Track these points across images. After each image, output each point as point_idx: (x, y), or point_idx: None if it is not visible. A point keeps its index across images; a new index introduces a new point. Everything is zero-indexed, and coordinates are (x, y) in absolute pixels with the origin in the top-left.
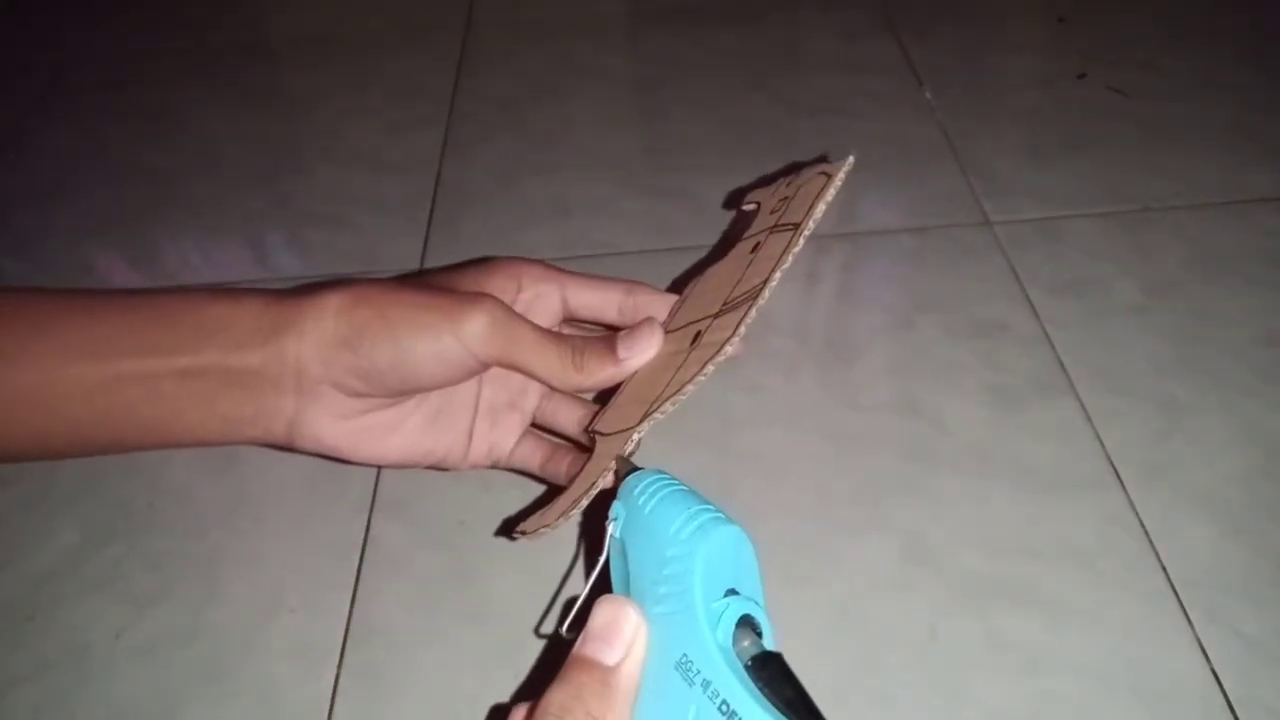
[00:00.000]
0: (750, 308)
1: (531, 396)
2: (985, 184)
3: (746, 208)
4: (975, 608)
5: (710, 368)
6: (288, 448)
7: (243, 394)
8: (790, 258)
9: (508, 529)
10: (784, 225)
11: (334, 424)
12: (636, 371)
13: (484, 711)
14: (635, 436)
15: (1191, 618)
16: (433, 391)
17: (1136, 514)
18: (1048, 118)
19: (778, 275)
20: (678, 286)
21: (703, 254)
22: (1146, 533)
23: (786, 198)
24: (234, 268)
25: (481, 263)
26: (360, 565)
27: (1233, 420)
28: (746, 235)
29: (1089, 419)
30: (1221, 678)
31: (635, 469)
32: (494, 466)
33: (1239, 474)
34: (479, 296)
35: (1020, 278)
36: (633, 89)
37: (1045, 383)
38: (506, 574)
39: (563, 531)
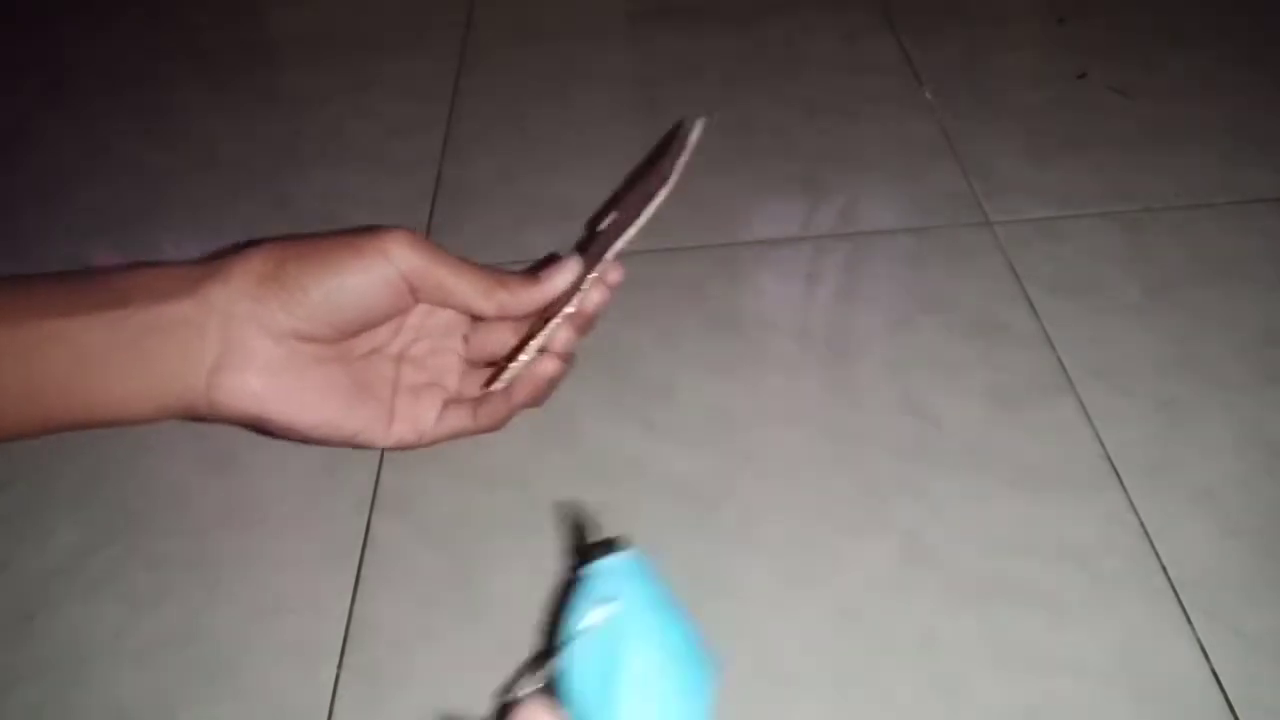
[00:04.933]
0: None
1: (452, 374)
2: (985, 184)
3: (606, 222)
4: (975, 608)
5: (650, 207)
6: (206, 407)
7: (168, 344)
8: (677, 171)
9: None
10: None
11: (258, 375)
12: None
13: (484, 711)
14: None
15: (1191, 618)
16: (358, 357)
17: (1136, 514)
18: (1048, 118)
19: (683, 159)
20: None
21: (703, 254)
22: (1146, 533)
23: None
24: None
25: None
26: (360, 565)
27: (1233, 420)
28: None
29: (1089, 419)
30: (1221, 678)
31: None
32: (420, 443)
33: (1239, 474)
34: (396, 227)
35: (1020, 278)
36: (633, 89)
37: (1045, 383)
38: (506, 574)
39: (562, 532)
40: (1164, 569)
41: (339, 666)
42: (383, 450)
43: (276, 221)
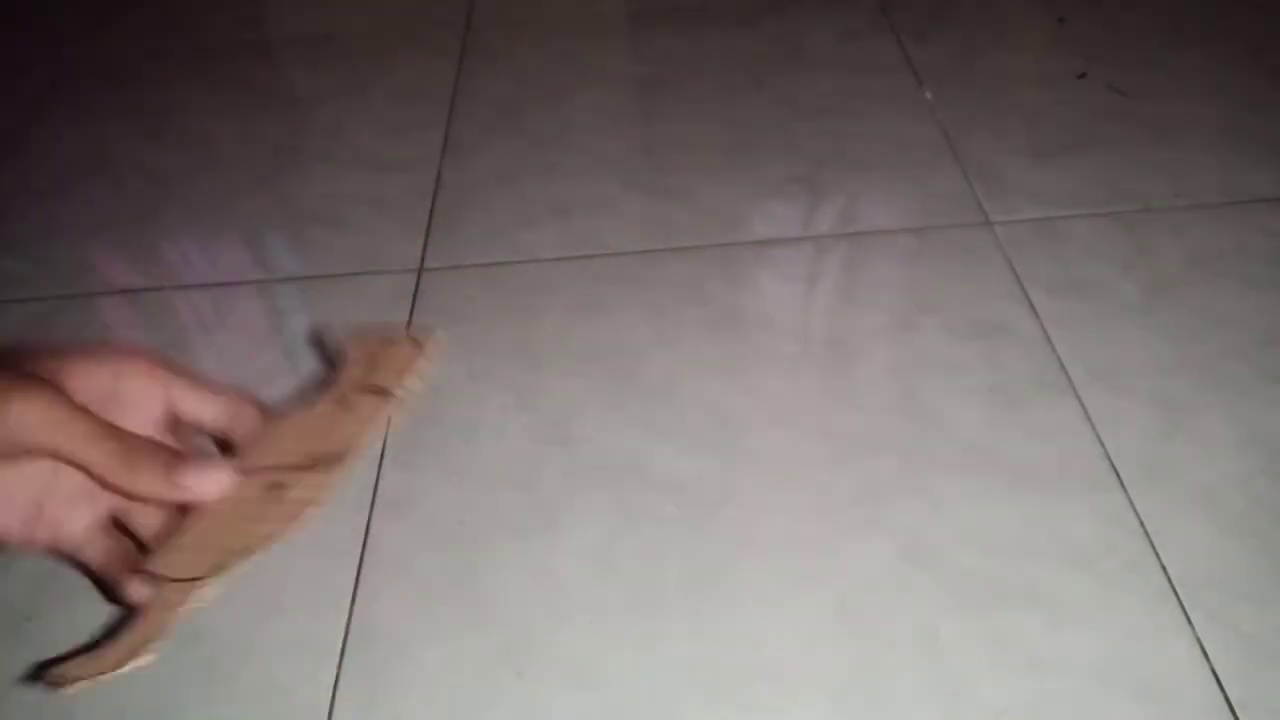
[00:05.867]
0: (338, 471)
1: (109, 495)
2: (985, 184)
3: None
4: (975, 608)
5: (292, 531)
6: None
7: None
8: (380, 423)
9: (45, 677)
10: (374, 388)
11: None
12: (200, 507)
13: (484, 711)
14: (204, 590)
15: (1191, 618)
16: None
17: (1136, 514)
18: (1048, 118)
19: (365, 440)
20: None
21: (703, 254)
22: (1146, 533)
23: (375, 354)
24: (234, 268)
25: (87, 351)
26: (360, 565)
27: (1233, 420)
28: (335, 385)
29: (1089, 419)
30: (1221, 678)
31: None
32: (60, 553)
33: (1239, 474)
34: (33, 382)
35: (1020, 278)
36: (633, 89)
37: (1045, 383)
38: (506, 574)
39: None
40: (1164, 569)
41: (339, 666)
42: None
43: (277, 221)
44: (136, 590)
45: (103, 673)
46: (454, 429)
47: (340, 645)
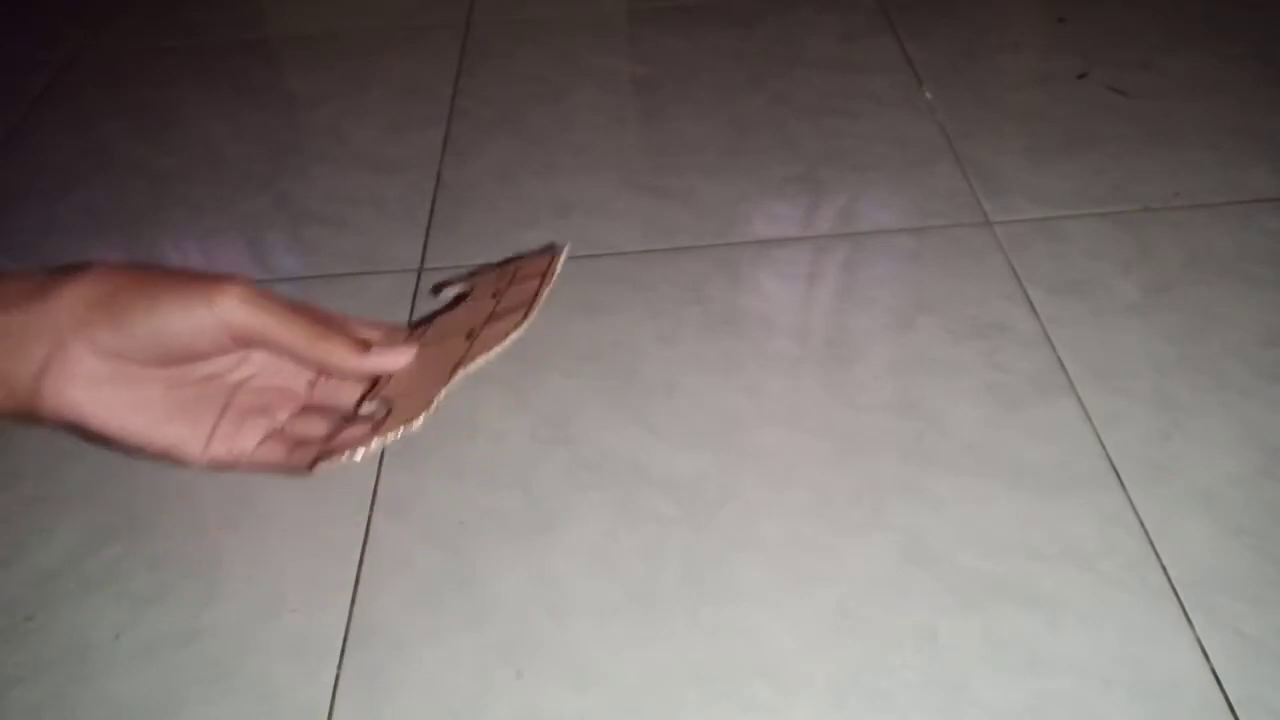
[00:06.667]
0: (534, 303)
1: (284, 410)
2: (985, 184)
3: (450, 292)
4: (975, 608)
5: (516, 333)
6: (28, 411)
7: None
8: (551, 284)
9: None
10: (524, 278)
11: (79, 384)
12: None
13: (484, 711)
14: (458, 375)
15: (1191, 618)
16: (186, 374)
17: (1136, 514)
18: (1048, 118)
19: (546, 291)
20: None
21: (703, 254)
22: (1146, 533)
23: (508, 274)
24: (234, 268)
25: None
26: (360, 565)
27: (1233, 420)
28: (475, 297)
29: (1089, 419)
30: (1221, 678)
31: None
32: (236, 465)
33: (1239, 474)
34: (226, 276)
35: (1020, 278)
36: (633, 89)
37: (1045, 383)
38: (506, 574)
39: (563, 530)
40: (1164, 569)
41: (339, 666)
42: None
43: (277, 221)
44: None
45: (344, 457)
46: (454, 429)
47: (340, 645)
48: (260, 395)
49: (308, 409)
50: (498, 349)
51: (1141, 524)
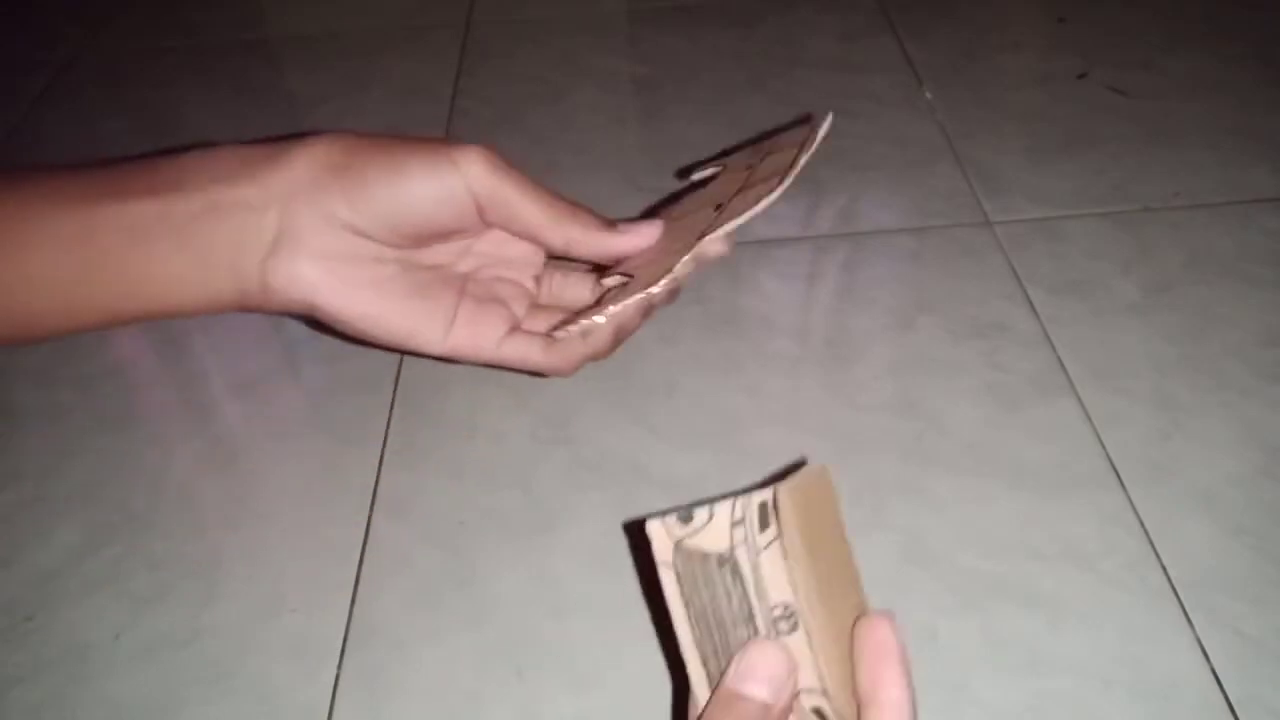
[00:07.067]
0: (790, 168)
1: (518, 302)
2: (985, 184)
3: (701, 174)
4: (975, 608)
5: (773, 195)
6: (259, 294)
7: (224, 227)
8: (811, 150)
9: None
10: (780, 149)
11: (314, 259)
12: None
13: (484, 711)
14: (684, 258)
15: (1191, 618)
16: (420, 262)
17: (1136, 514)
18: (1048, 118)
19: (805, 158)
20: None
21: None
22: (1146, 533)
23: (762, 150)
24: None
25: None
26: (360, 565)
27: (1233, 420)
28: (729, 168)
29: (1089, 419)
30: (1221, 678)
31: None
32: (478, 358)
33: (1239, 474)
34: (471, 144)
35: (1020, 278)
36: (633, 89)
37: (1045, 383)
38: (506, 574)
39: (564, 523)
40: (1164, 569)
41: (339, 666)
42: (436, 358)
43: None
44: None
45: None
46: (454, 429)
47: (340, 645)
48: (491, 286)
49: (536, 307)
50: (748, 214)
51: (1141, 524)
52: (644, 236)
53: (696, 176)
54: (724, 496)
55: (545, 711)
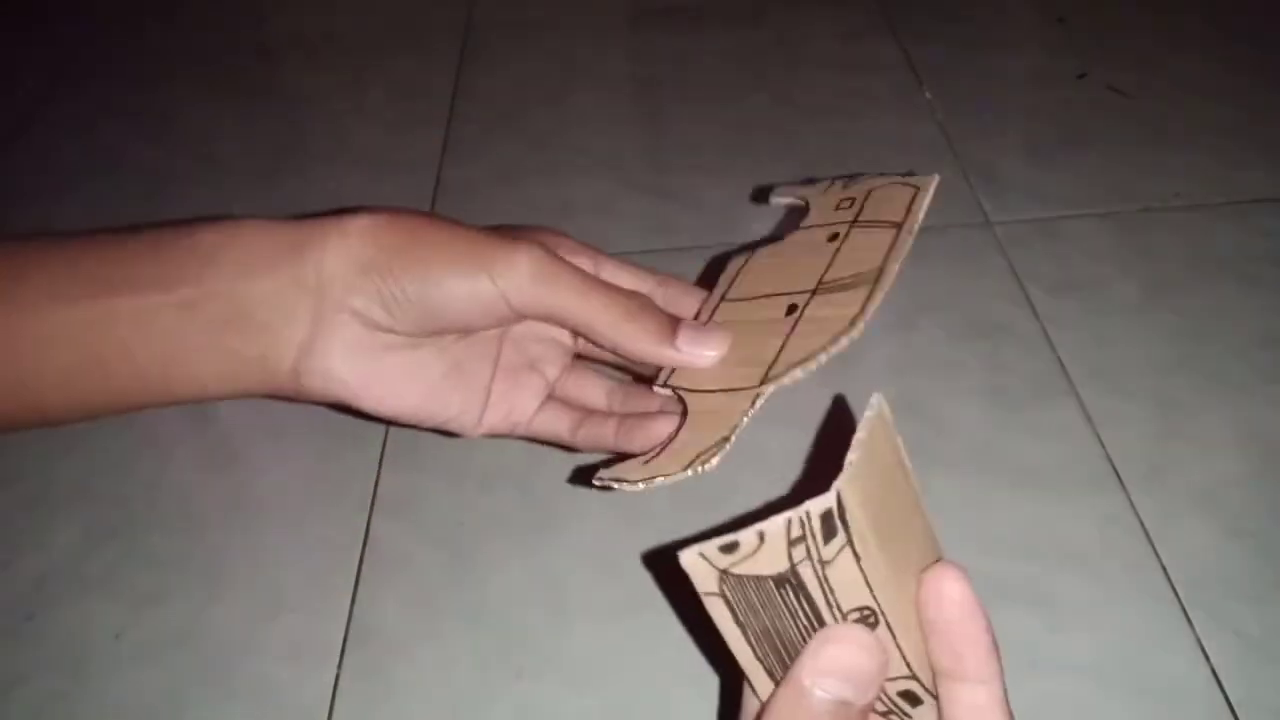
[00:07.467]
0: (875, 287)
1: (553, 364)
2: (985, 184)
3: (780, 200)
4: None
5: (844, 340)
6: (292, 391)
7: (251, 325)
8: (903, 252)
9: (585, 477)
10: (871, 223)
11: (347, 357)
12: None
13: (484, 711)
14: (766, 392)
15: (1191, 618)
16: (452, 339)
17: (1136, 514)
18: (1048, 117)
19: (895, 267)
20: (705, 282)
21: (703, 254)
22: (1146, 533)
23: (851, 198)
24: None
25: (515, 227)
26: (360, 565)
27: (1233, 420)
28: (806, 225)
29: (1089, 419)
30: (1221, 678)
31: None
32: (511, 434)
33: (1239, 474)
34: (523, 240)
35: (1020, 278)
36: (633, 89)
37: (1045, 383)
38: (506, 574)
39: (562, 520)
40: (1164, 569)
41: (339, 666)
42: (471, 436)
43: None
44: (651, 429)
45: (668, 475)
46: None
47: (340, 645)
48: (527, 348)
49: (580, 360)
50: (823, 356)
51: (1141, 524)
52: (706, 354)
53: (776, 201)
54: (771, 512)
55: (545, 711)
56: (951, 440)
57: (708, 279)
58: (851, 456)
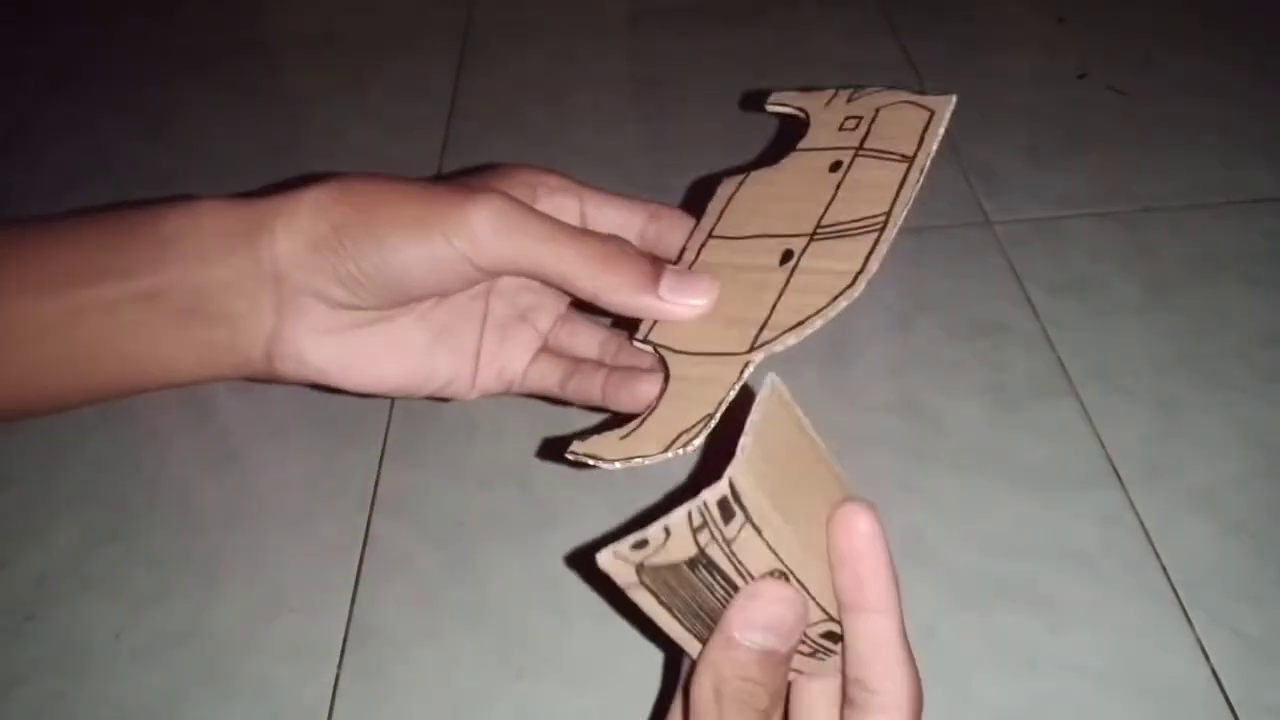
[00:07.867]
0: (878, 239)
1: (545, 314)
2: (985, 184)
3: (777, 109)
4: (975, 608)
5: (843, 302)
6: (270, 378)
7: (213, 313)
8: (912, 194)
9: (556, 450)
10: (878, 152)
11: (319, 341)
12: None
13: (484, 711)
14: (755, 359)
15: (1191, 618)
16: (432, 304)
17: (1136, 514)
18: (1048, 117)
19: (903, 213)
20: (691, 205)
21: None
22: (1146, 533)
23: (857, 116)
24: None
25: (494, 168)
26: (360, 565)
27: (1233, 420)
28: (806, 147)
29: (1089, 419)
30: (1221, 678)
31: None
32: (508, 391)
33: (1239, 474)
34: (483, 192)
35: (1020, 278)
36: (633, 89)
37: (1045, 383)
38: (506, 574)
39: (562, 518)
40: (1164, 569)
41: (339, 666)
42: (468, 399)
43: None
44: (636, 389)
45: (647, 457)
46: (454, 429)
47: (340, 645)
48: (517, 299)
49: (575, 308)
50: (819, 320)
51: (1141, 524)
52: (692, 303)
53: (772, 108)
54: (673, 501)
55: (545, 711)
56: (951, 439)
57: (693, 203)
58: (744, 440)
